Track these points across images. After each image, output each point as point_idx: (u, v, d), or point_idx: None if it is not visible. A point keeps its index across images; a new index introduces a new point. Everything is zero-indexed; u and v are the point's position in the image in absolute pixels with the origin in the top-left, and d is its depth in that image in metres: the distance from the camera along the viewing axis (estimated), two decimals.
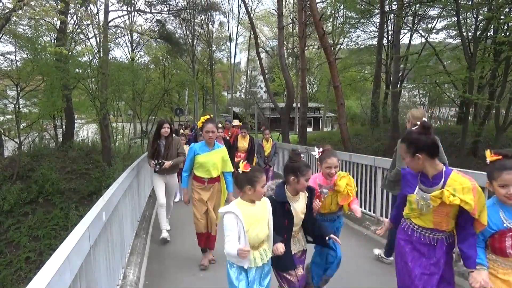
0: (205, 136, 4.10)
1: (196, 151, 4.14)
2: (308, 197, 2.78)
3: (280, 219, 2.56)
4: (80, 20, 13.27)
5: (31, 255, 9.85)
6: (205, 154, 4.14)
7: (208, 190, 4.23)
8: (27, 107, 14.47)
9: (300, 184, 2.58)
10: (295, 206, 2.66)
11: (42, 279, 1.45)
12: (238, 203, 2.42)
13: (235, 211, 2.32)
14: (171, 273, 4.19)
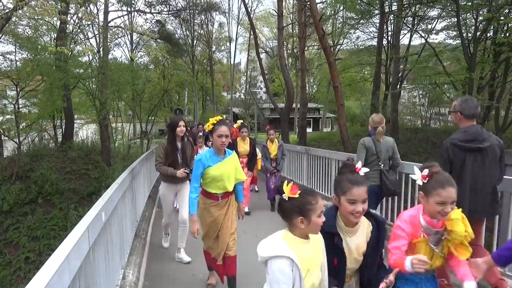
0: (217, 141, 3.29)
1: (206, 163, 3.31)
2: (373, 230, 1.98)
3: (328, 256, 1.87)
4: (80, 20, 13.28)
5: (31, 255, 9.85)
6: (218, 165, 3.33)
7: (223, 207, 3.47)
8: (27, 107, 14.47)
9: (342, 208, 1.88)
10: (348, 241, 1.93)
11: (41, 279, 1.45)
12: (290, 240, 1.74)
13: (291, 256, 1.66)
14: (170, 273, 4.18)
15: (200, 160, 3.30)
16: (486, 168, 3.06)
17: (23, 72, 12.79)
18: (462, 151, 3.09)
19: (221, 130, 3.26)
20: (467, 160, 3.07)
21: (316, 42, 22.82)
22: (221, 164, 3.35)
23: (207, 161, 3.32)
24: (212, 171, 3.32)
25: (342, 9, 21.53)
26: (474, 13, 13.36)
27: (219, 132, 3.26)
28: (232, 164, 3.42)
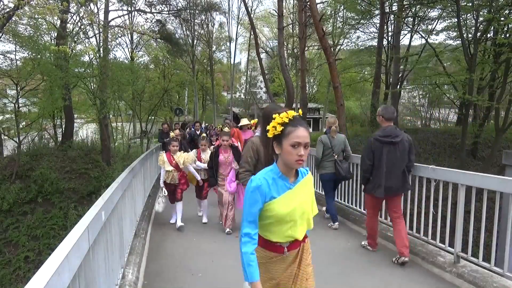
0: (289, 155, 1.79)
1: (267, 193, 1.86)
2: None
3: None
4: (81, 20, 13.28)
5: (30, 254, 9.85)
6: (287, 195, 1.89)
7: (291, 263, 2.04)
8: (27, 107, 14.48)
9: None
10: None
11: (41, 279, 1.45)
12: None
13: None
14: (170, 273, 4.19)
15: (259, 188, 1.82)
16: (398, 157, 4.15)
17: (23, 71, 12.79)
18: (380, 144, 4.19)
19: (299, 134, 1.76)
20: (383, 150, 4.17)
21: (316, 42, 22.81)
22: (292, 193, 1.89)
23: (270, 189, 1.85)
24: (277, 206, 1.86)
25: (342, 9, 21.53)
26: (475, 13, 13.38)
27: (296, 138, 1.75)
28: (307, 191, 1.98)
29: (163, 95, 22.99)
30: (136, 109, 20.51)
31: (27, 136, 13.88)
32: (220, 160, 5.60)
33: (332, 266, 4.12)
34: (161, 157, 5.96)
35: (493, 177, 3.63)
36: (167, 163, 5.85)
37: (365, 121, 24.10)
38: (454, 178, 3.93)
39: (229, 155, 5.60)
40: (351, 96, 31.46)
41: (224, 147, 5.59)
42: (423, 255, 4.18)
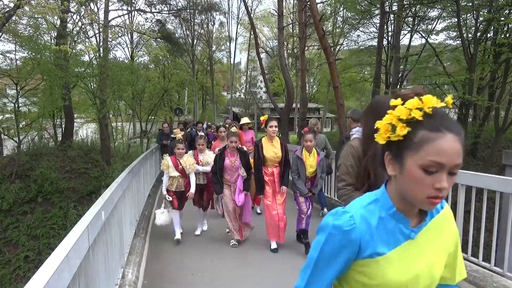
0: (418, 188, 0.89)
1: (367, 242, 0.96)
2: None
3: None
4: (81, 19, 13.26)
5: (30, 254, 9.85)
6: (406, 249, 0.97)
7: None
8: (27, 106, 14.46)
9: None
10: None
11: (41, 278, 1.45)
12: None
13: None
14: (169, 272, 4.19)
15: (350, 232, 0.96)
16: None
17: (23, 71, 12.78)
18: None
19: (443, 147, 0.86)
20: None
21: (316, 42, 22.79)
22: (414, 248, 0.99)
23: (372, 237, 0.97)
24: (385, 269, 0.97)
25: (342, 9, 21.52)
26: (475, 13, 13.39)
27: (437, 154, 0.86)
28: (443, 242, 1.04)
29: (163, 95, 22.95)
30: (136, 109, 20.48)
31: (27, 136, 13.87)
32: (226, 164, 4.90)
33: None
34: (165, 161, 5.25)
35: (493, 177, 3.63)
36: (173, 168, 5.17)
37: None
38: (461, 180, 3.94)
39: (236, 159, 4.92)
40: (351, 96, 31.45)
41: (231, 150, 4.94)
42: None
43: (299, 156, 4.76)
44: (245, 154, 5.04)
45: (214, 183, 5.03)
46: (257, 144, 4.95)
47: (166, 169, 5.20)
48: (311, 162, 4.77)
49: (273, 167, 4.91)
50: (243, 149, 5.20)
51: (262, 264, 4.41)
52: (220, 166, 4.91)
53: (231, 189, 4.98)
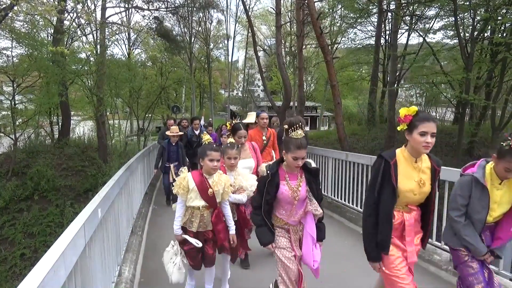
0: None
1: None
2: None
3: None
4: (78, 17, 13.20)
5: (26, 251, 9.82)
6: None
7: None
8: (23, 104, 14.38)
9: None
10: None
11: (37, 276, 1.44)
12: None
13: None
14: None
15: None
16: None
17: (19, 68, 12.71)
18: None
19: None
20: None
21: (314, 40, 22.79)
22: None
23: None
24: None
25: (340, 7, 21.54)
26: (472, 13, 13.42)
27: None
28: None
29: (160, 92, 22.94)
30: (133, 106, 20.46)
31: (23, 133, 13.81)
32: (283, 193, 2.64)
33: (330, 265, 4.12)
34: (182, 179, 3.08)
35: None
36: (196, 193, 3.05)
37: (362, 120, 24.15)
38: (450, 177, 3.94)
39: (299, 184, 2.66)
40: (348, 95, 31.51)
41: (290, 169, 2.67)
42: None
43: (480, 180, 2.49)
44: (314, 173, 2.73)
45: (258, 226, 2.72)
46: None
47: (184, 193, 3.06)
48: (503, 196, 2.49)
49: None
50: (310, 165, 2.77)
51: (261, 262, 4.41)
52: (270, 197, 2.65)
53: (290, 236, 2.76)
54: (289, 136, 2.61)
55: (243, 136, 4.11)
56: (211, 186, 3.06)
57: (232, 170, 3.53)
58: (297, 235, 2.79)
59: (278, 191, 2.64)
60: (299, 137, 2.58)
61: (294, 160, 2.56)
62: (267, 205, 2.70)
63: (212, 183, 3.08)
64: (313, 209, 2.66)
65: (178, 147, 7.29)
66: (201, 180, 3.06)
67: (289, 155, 2.59)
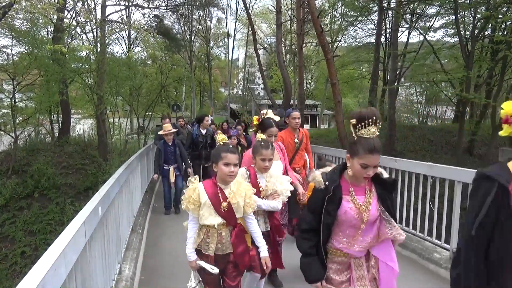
0: None
1: None
2: None
3: None
4: (78, 15, 13.19)
5: (27, 249, 9.83)
6: None
7: None
8: (24, 102, 14.39)
9: None
10: None
11: (37, 274, 1.45)
12: None
13: None
14: (167, 268, 4.19)
15: None
16: None
17: (20, 66, 12.70)
18: None
19: None
20: None
21: (315, 38, 22.76)
22: None
23: None
24: None
25: (340, 5, 21.51)
26: (472, 11, 13.41)
27: None
28: None
29: (160, 90, 22.93)
30: (133, 104, 20.45)
31: (23, 131, 13.80)
32: (347, 214, 1.98)
33: None
34: (191, 191, 2.47)
35: None
36: (210, 208, 2.44)
37: None
38: (450, 175, 3.95)
39: (369, 201, 2.01)
40: (348, 93, 31.51)
41: (356, 180, 2.01)
42: (419, 252, 4.21)
43: None
44: (390, 186, 2.06)
45: (305, 255, 2.09)
46: None
47: (195, 209, 2.44)
48: None
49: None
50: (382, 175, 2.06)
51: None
52: (331, 219, 2.01)
53: (352, 273, 2.09)
54: (358, 134, 1.96)
55: (274, 135, 3.54)
56: (225, 197, 2.42)
57: (264, 173, 2.98)
58: (361, 271, 2.06)
59: (340, 209, 1.97)
60: (371, 136, 1.90)
61: (364, 169, 1.88)
62: (327, 230, 2.02)
63: (228, 194, 2.44)
64: (396, 234, 1.99)
65: (176, 147, 6.65)
66: (214, 191, 2.44)
67: (356, 161, 1.91)
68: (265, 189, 2.93)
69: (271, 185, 2.95)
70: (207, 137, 7.29)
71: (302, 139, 4.78)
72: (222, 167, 2.37)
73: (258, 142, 2.98)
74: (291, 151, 4.57)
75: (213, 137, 7.03)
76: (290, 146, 4.57)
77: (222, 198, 2.41)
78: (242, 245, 2.50)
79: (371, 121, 1.90)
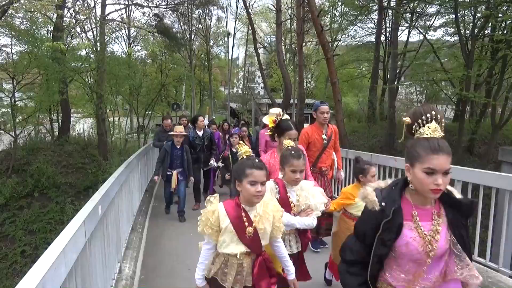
0: None
1: None
2: None
3: None
4: (77, 14, 13.16)
5: (27, 248, 9.84)
6: None
7: None
8: (23, 101, 14.38)
9: None
10: None
11: (38, 273, 1.45)
12: None
13: None
14: (167, 267, 4.20)
15: None
16: None
17: (19, 65, 12.69)
18: None
19: None
20: None
21: (314, 37, 22.76)
22: None
23: None
24: None
25: (340, 4, 21.50)
26: (472, 10, 13.40)
27: None
28: None
29: (160, 90, 22.89)
30: (133, 103, 20.44)
31: (23, 130, 13.79)
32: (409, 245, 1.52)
33: None
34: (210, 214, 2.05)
35: (489, 173, 3.65)
36: (232, 233, 2.04)
37: (363, 117, 24.13)
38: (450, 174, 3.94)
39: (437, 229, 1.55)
40: (348, 92, 31.43)
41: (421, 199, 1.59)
42: None
43: None
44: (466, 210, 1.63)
45: None
46: None
47: (213, 233, 2.07)
48: None
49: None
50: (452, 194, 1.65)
51: None
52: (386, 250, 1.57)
53: None
54: (416, 135, 1.56)
55: (294, 139, 2.95)
56: (252, 222, 2.02)
57: (294, 186, 2.54)
58: None
59: (399, 238, 1.52)
60: (434, 135, 1.50)
61: (430, 176, 1.46)
62: (379, 262, 1.57)
63: (254, 217, 2.03)
64: (467, 276, 1.53)
65: (184, 151, 6.16)
66: (238, 214, 2.02)
67: (418, 168, 1.49)
68: (296, 204, 2.52)
69: (303, 199, 2.53)
70: (205, 138, 6.86)
71: (330, 136, 4.39)
72: (247, 186, 1.97)
73: (287, 151, 2.53)
74: (318, 149, 4.23)
75: (211, 138, 7.02)
76: (317, 143, 4.25)
77: (248, 222, 2.01)
78: (265, 279, 2.07)
79: (429, 118, 1.52)
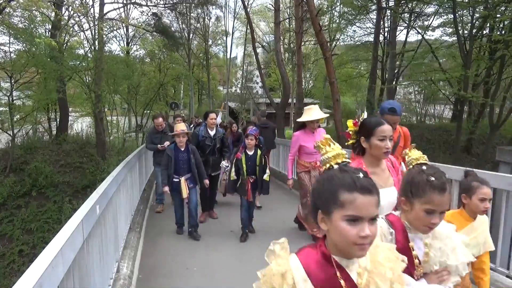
0: None
1: None
2: None
3: None
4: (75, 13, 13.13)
5: (24, 248, 9.82)
6: None
7: None
8: (21, 100, 14.34)
9: None
10: None
11: (35, 272, 1.45)
12: None
13: None
14: (165, 267, 4.19)
15: None
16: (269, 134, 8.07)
17: (17, 64, 12.66)
18: (263, 128, 7.66)
19: None
20: (263, 131, 7.27)
21: (313, 37, 22.76)
22: None
23: None
24: None
25: (339, 4, 21.50)
26: (471, 10, 13.42)
27: None
28: None
29: (158, 89, 22.87)
30: (131, 103, 20.41)
31: (21, 129, 13.77)
32: None
33: None
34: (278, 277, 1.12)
35: (487, 173, 3.65)
36: None
37: None
38: (448, 174, 3.94)
39: None
40: (347, 92, 31.48)
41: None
42: None
43: None
44: None
45: None
46: None
47: None
48: None
49: None
50: None
51: (258, 259, 4.43)
52: None
53: None
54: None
55: (389, 137, 2.18)
56: (356, 285, 1.11)
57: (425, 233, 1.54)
58: None
59: None
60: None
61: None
62: None
63: (357, 277, 1.12)
64: None
65: (190, 153, 5.17)
66: (327, 275, 1.11)
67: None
68: (423, 261, 1.51)
69: (436, 254, 1.52)
70: (216, 139, 5.90)
71: (398, 140, 3.52)
72: (342, 225, 1.04)
73: (421, 174, 1.59)
74: None
75: (223, 140, 6.05)
76: None
77: (347, 286, 1.10)
78: None
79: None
